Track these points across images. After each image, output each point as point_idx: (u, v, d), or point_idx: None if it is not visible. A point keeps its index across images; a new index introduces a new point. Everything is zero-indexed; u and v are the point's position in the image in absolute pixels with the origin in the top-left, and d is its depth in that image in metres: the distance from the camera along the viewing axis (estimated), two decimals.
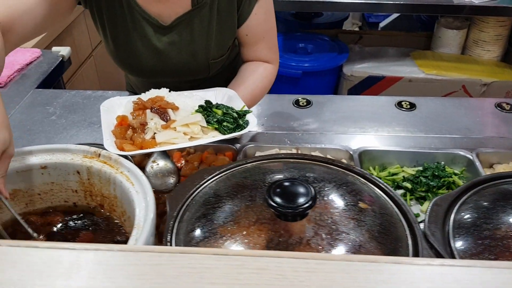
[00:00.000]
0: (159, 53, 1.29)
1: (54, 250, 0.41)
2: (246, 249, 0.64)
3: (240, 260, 0.39)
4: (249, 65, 1.36)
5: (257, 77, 1.32)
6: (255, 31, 1.31)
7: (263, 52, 1.35)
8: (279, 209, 0.65)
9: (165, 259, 0.39)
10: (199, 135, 0.99)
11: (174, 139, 0.96)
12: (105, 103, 1.10)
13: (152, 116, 1.01)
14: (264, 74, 1.34)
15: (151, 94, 1.11)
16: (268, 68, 1.35)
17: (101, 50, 2.60)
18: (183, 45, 1.28)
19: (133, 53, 1.29)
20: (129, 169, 0.79)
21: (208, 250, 0.40)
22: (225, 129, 1.01)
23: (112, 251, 0.40)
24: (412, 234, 0.68)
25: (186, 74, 1.35)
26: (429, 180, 1.24)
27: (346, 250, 0.63)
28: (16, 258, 0.40)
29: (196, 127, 1.00)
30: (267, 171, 0.79)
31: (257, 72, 1.34)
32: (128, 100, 1.09)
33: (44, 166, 0.82)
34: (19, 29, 1.07)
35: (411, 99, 1.54)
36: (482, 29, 2.70)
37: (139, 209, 0.72)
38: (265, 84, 1.35)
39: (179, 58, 1.30)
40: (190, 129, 0.99)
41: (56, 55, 1.81)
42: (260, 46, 1.34)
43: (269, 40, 1.35)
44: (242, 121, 1.04)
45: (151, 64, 1.31)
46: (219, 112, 1.05)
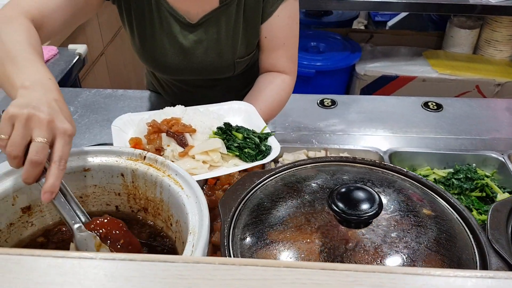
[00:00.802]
0: (185, 51, 1.27)
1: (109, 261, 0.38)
2: (310, 255, 0.62)
3: (352, 276, 0.37)
4: (266, 77, 1.32)
5: (274, 89, 1.28)
6: (275, 34, 1.27)
7: (281, 60, 1.30)
8: (343, 215, 0.63)
9: (271, 274, 0.37)
10: (219, 163, 0.94)
11: (193, 169, 0.90)
12: (116, 122, 1.03)
13: (169, 141, 0.96)
14: (282, 86, 1.30)
15: (165, 113, 1.06)
16: (286, 81, 1.30)
17: (112, 48, 2.57)
18: (210, 43, 1.26)
19: (159, 50, 1.27)
20: (177, 172, 0.76)
21: (314, 265, 0.38)
22: (247, 156, 0.96)
23: (213, 264, 0.38)
24: (476, 241, 0.67)
25: (211, 72, 1.33)
26: (462, 183, 1.23)
27: (417, 259, 0.61)
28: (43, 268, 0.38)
29: (216, 154, 0.94)
30: (318, 174, 0.77)
31: (274, 84, 1.29)
32: (140, 119, 1.04)
33: (88, 168, 0.80)
34: (49, 26, 1.05)
35: (438, 99, 1.52)
36: (495, 28, 2.69)
37: (192, 214, 0.69)
38: (282, 97, 1.30)
39: (205, 57, 1.28)
40: (209, 157, 0.94)
41: (73, 53, 1.78)
42: (279, 53, 1.29)
43: (289, 49, 1.30)
44: (264, 147, 0.99)
45: (176, 62, 1.29)
46: (240, 136, 0.99)
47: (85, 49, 1.80)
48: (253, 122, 1.09)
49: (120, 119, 1.04)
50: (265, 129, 1.05)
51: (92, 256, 0.38)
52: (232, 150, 0.97)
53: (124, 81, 2.80)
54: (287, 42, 1.29)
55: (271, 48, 1.29)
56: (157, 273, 0.37)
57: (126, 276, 0.37)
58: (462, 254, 0.64)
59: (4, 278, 0.37)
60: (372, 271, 0.37)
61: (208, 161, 0.93)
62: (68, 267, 0.38)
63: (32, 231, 0.79)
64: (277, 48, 1.29)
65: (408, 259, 0.61)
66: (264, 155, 0.97)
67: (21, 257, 0.38)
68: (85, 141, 1.34)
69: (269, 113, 1.25)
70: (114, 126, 1.01)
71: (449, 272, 0.38)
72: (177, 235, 0.77)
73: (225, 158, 0.97)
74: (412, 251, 0.62)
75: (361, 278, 0.37)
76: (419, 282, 0.37)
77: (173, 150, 0.93)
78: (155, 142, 0.94)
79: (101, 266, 0.38)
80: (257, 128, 1.05)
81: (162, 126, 0.98)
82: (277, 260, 0.57)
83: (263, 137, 1.01)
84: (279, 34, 1.27)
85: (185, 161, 0.91)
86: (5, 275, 0.37)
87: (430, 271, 0.38)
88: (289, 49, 1.30)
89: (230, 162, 0.96)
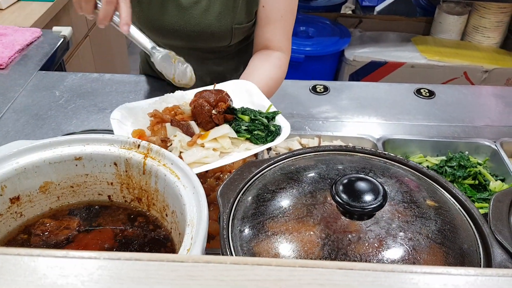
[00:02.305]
0: (183, 10, 1.23)
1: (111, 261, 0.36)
2: (313, 247, 0.61)
3: (372, 276, 0.35)
4: (260, 55, 1.28)
5: (270, 67, 1.24)
6: (273, 5, 1.23)
7: (277, 36, 1.26)
8: (347, 207, 0.61)
9: (287, 274, 0.36)
10: (230, 149, 0.90)
11: (204, 158, 0.86)
12: (114, 114, 0.97)
13: (174, 131, 0.91)
14: (278, 64, 1.26)
15: (165, 100, 1.02)
16: (281, 58, 1.27)
17: (97, 31, 2.51)
18: (209, 4, 1.23)
19: (156, 8, 1.23)
20: (173, 161, 0.74)
21: (331, 264, 0.36)
22: (257, 138, 0.93)
23: (225, 263, 0.36)
24: (479, 232, 0.66)
25: (207, 38, 1.28)
26: (455, 170, 1.22)
27: (422, 251, 0.60)
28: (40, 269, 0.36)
29: (226, 140, 0.91)
30: (318, 164, 0.75)
31: (270, 61, 1.25)
32: (140, 108, 1.00)
33: (79, 157, 0.77)
34: None
35: (430, 86, 1.51)
36: (483, 15, 2.69)
37: (190, 205, 0.67)
38: (279, 76, 1.26)
39: (203, 18, 1.24)
40: (219, 143, 0.90)
41: (57, 35, 1.72)
42: (275, 27, 1.26)
43: (286, 24, 1.27)
44: (273, 127, 0.95)
45: (173, 21, 1.25)
46: (246, 118, 0.95)
47: (70, 31, 1.74)
48: (257, 101, 1.05)
49: (118, 111, 0.99)
50: (271, 107, 1.01)
51: (96, 255, 0.36)
52: (242, 133, 0.93)
53: (109, 65, 2.74)
54: (285, 15, 1.25)
55: (268, 20, 1.25)
56: (166, 274, 0.35)
57: (133, 277, 0.35)
58: (466, 245, 0.63)
59: (1, 280, 0.34)
60: (391, 270, 0.36)
61: (219, 148, 0.90)
62: (70, 268, 0.35)
63: (21, 221, 0.76)
64: (274, 21, 1.25)
65: (413, 251, 0.60)
66: (274, 135, 0.94)
67: (19, 257, 0.36)
68: (72, 127, 1.30)
69: (267, 91, 1.21)
70: (113, 119, 0.96)
71: (470, 271, 0.37)
72: (173, 226, 0.75)
73: (235, 143, 0.93)
74: (416, 243, 0.61)
75: (380, 278, 0.35)
76: (440, 281, 0.36)
77: (181, 140, 0.89)
78: (159, 133, 0.90)
79: (106, 267, 0.36)
80: (262, 108, 1.01)
81: (165, 115, 0.94)
82: (292, 259, 0.55)
83: (270, 117, 0.98)
84: (278, 5, 1.23)
85: (195, 151, 0.87)
86: (3, 277, 0.34)
87: (451, 271, 0.36)
88: (285, 24, 1.27)
89: (241, 146, 0.93)
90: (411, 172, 0.74)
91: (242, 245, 0.64)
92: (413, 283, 0.35)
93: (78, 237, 0.77)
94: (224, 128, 0.92)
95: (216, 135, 0.91)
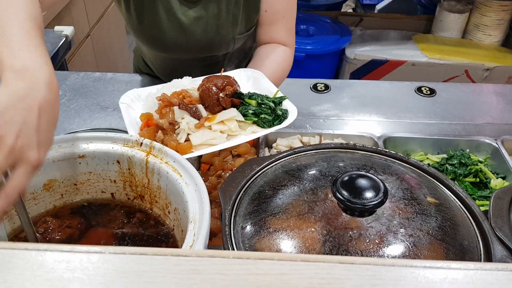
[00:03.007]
0: (184, 28, 1.23)
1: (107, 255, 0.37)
2: (315, 244, 0.61)
3: (372, 270, 0.36)
4: (266, 47, 1.29)
5: (277, 59, 1.25)
6: (275, 8, 1.24)
7: (280, 34, 1.28)
8: (348, 204, 0.62)
9: (288, 268, 0.36)
10: (237, 132, 0.92)
11: (212, 140, 0.88)
12: (123, 99, 0.99)
13: (182, 114, 0.93)
14: (283, 56, 1.28)
15: (174, 85, 1.03)
16: (286, 51, 1.28)
17: (98, 30, 2.52)
18: (209, 20, 1.23)
19: (157, 26, 1.23)
20: (175, 159, 0.75)
21: (333, 258, 0.37)
22: (264, 121, 0.94)
23: (228, 258, 0.37)
24: (479, 229, 0.66)
25: (209, 49, 1.30)
26: (456, 168, 1.23)
27: (422, 248, 0.60)
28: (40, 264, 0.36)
29: (233, 123, 0.92)
30: (319, 161, 0.76)
31: (276, 54, 1.27)
32: (148, 93, 1.02)
33: (83, 155, 0.77)
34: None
35: (430, 84, 1.52)
36: (484, 13, 2.69)
37: (192, 202, 0.68)
38: (285, 67, 1.28)
39: (204, 34, 1.25)
40: (226, 126, 0.91)
41: (59, 34, 1.73)
42: (278, 27, 1.27)
43: (289, 21, 1.28)
44: (280, 111, 0.96)
45: (174, 38, 1.25)
46: (253, 102, 0.97)
47: (72, 31, 1.75)
48: (264, 88, 1.06)
49: (127, 96, 1.01)
50: (278, 93, 1.02)
51: (102, 250, 0.37)
52: (249, 117, 0.94)
53: (110, 64, 2.75)
54: (287, 14, 1.26)
55: (271, 21, 1.27)
56: (170, 268, 0.36)
57: (137, 271, 0.36)
58: (466, 242, 0.64)
59: (10, 274, 0.35)
60: (391, 264, 0.36)
61: (226, 131, 0.91)
62: (76, 262, 0.36)
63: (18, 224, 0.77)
64: (277, 22, 1.27)
65: (414, 248, 0.60)
66: (281, 119, 0.96)
67: (26, 252, 0.36)
68: (74, 125, 1.31)
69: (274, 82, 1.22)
70: (121, 103, 0.98)
71: (469, 265, 0.37)
72: (175, 223, 0.76)
73: (242, 126, 0.95)
74: (417, 239, 0.61)
75: (381, 272, 0.36)
76: (440, 275, 0.36)
77: (188, 122, 0.90)
78: (167, 116, 0.91)
79: (111, 261, 0.36)
80: (269, 94, 1.03)
81: (173, 99, 0.95)
82: (294, 254, 0.56)
83: (277, 102, 0.99)
84: (279, 7, 1.24)
85: (203, 133, 0.89)
86: (11, 271, 0.35)
87: (451, 265, 0.37)
88: (288, 21, 1.28)
89: (248, 129, 0.94)
90: (412, 169, 0.74)
91: (244, 242, 0.65)
92: (413, 277, 0.36)
93: (80, 235, 0.77)
94: (231, 112, 0.94)
95: (223, 117, 0.92)
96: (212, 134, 0.89)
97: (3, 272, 0.35)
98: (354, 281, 0.35)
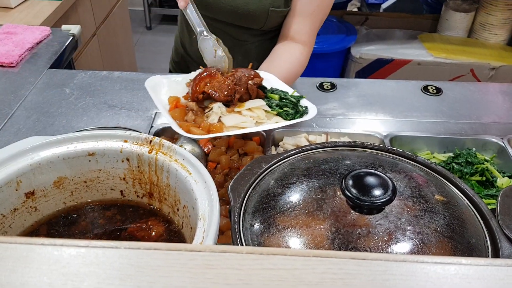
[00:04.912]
0: None
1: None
2: (323, 241, 0.62)
3: (383, 265, 0.37)
4: (284, 46, 1.30)
5: (292, 60, 1.27)
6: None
7: (305, 29, 1.29)
8: (357, 201, 0.62)
9: (301, 263, 0.37)
10: (264, 120, 0.98)
11: (242, 123, 0.94)
12: (148, 83, 1.05)
13: (210, 100, 0.99)
14: (300, 59, 1.29)
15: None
16: (304, 54, 1.30)
17: (105, 29, 2.53)
18: None
19: None
20: (184, 156, 0.75)
21: (345, 254, 0.37)
22: (287, 114, 0.99)
23: (241, 253, 0.37)
24: (487, 227, 0.67)
25: (241, 17, 1.30)
26: (462, 167, 1.23)
27: (431, 246, 0.61)
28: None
29: (261, 111, 0.98)
30: (327, 159, 0.76)
31: (293, 55, 1.28)
32: (173, 80, 1.07)
33: (92, 153, 0.78)
34: None
35: (437, 83, 1.52)
36: (490, 12, 2.68)
37: (201, 200, 0.69)
38: (298, 70, 1.30)
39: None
40: (255, 113, 0.97)
41: (66, 33, 1.74)
42: (305, 21, 1.28)
43: (316, 20, 1.29)
44: (301, 108, 1.02)
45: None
46: (276, 97, 1.03)
47: (79, 30, 1.76)
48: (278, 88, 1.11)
49: (152, 80, 1.06)
50: (295, 93, 1.07)
51: (117, 245, 0.37)
52: (273, 108, 1.01)
53: (116, 63, 2.76)
54: (316, 11, 1.27)
55: (300, 12, 1.28)
56: (184, 263, 0.37)
57: (153, 266, 0.36)
58: (474, 240, 0.64)
59: (27, 268, 0.36)
60: (403, 260, 0.37)
61: (254, 117, 0.97)
62: (92, 257, 0.37)
63: (36, 216, 0.78)
64: (305, 14, 1.28)
65: (422, 245, 0.61)
66: (302, 114, 1.01)
67: (43, 247, 0.37)
68: (82, 124, 1.31)
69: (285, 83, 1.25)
70: (147, 86, 1.03)
71: (480, 261, 0.38)
72: (184, 220, 0.77)
73: (268, 117, 1.00)
74: (425, 237, 0.62)
75: (392, 268, 0.36)
76: (450, 271, 0.37)
77: (220, 106, 0.97)
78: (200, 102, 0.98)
79: (127, 256, 0.37)
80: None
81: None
82: (307, 250, 0.56)
83: (296, 100, 1.04)
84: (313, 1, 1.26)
85: (234, 117, 0.96)
86: (28, 266, 0.36)
87: (461, 260, 0.37)
88: (315, 20, 1.29)
89: (272, 119, 1.00)
90: (420, 167, 0.75)
91: (253, 239, 0.66)
92: (424, 273, 0.36)
93: (90, 232, 0.78)
94: (259, 101, 1.01)
95: (252, 105, 0.99)
96: (243, 118, 0.96)
97: (20, 267, 0.36)
98: (366, 276, 0.36)
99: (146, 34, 4.31)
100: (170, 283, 0.35)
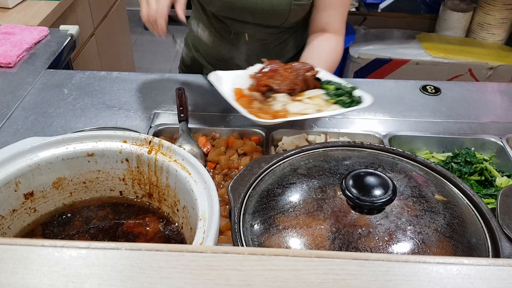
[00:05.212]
0: None
1: None
2: (324, 241, 0.62)
3: (386, 266, 0.36)
4: (321, 38, 1.31)
5: (331, 50, 1.29)
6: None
7: (336, 20, 1.31)
8: (357, 201, 0.62)
9: (303, 264, 0.37)
10: (324, 107, 1.03)
11: (306, 110, 1.00)
12: (211, 76, 1.12)
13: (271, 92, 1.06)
14: (336, 47, 1.32)
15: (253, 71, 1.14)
16: (339, 43, 1.32)
17: (103, 29, 2.52)
18: None
19: None
20: (184, 157, 0.75)
21: (347, 254, 0.37)
22: (344, 102, 1.05)
23: (242, 254, 0.37)
24: (487, 227, 0.67)
25: (263, 14, 1.30)
26: (461, 166, 1.23)
27: (431, 245, 0.61)
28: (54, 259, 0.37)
29: (320, 100, 1.05)
30: (326, 159, 0.76)
31: (330, 45, 1.30)
32: (235, 75, 1.14)
33: (91, 153, 0.78)
34: None
35: (435, 83, 1.52)
36: (488, 12, 2.69)
37: (201, 200, 0.68)
38: (337, 58, 1.33)
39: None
40: (315, 101, 1.04)
41: (64, 33, 1.73)
42: (334, 12, 1.30)
43: (344, 9, 1.32)
44: (355, 97, 1.07)
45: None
46: (331, 87, 1.09)
47: (77, 30, 1.75)
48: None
49: (215, 74, 1.13)
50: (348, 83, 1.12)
51: (118, 246, 0.37)
52: (332, 97, 1.07)
53: (114, 63, 2.76)
54: (344, 2, 1.30)
55: (329, 5, 1.29)
56: (186, 264, 0.36)
57: (154, 267, 0.36)
58: (474, 239, 0.64)
59: (27, 270, 0.35)
60: (405, 260, 0.37)
61: (315, 105, 1.04)
62: (93, 258, 0.36)
63: (35, 217, 0.78)
64: (335, 6, 1.30)
65: (422, 245, 0.61)
66: (357, 103, 1.06)
67: (43, 248, 0.37)
68: (81, 124, 1.31)
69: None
70: (211, 79, 1.11)
71: (482, 261, 0.38)
72: (184, 221, 0.76)
73: (326, 105, 1.06)
74: (425, 236, 0.62)
75: (394, 268, 0.36)
76: (452, 271, 0.37)
77: (284, 95, 1.05)
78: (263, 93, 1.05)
79: (128, 257, 0.37)
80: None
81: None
82: (308, 250, 0.56)
83: (350, 89, 1.09)
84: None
85: (298, 104, 1.03)
86: (28, 267, 0.36)
87: (463, 260, 0.37)
88: (344, 9, 1.32)
89: (331, 108, 1.06)
90: (419, 167, 0.75)
91: (253, 239, 0.66)
92: (426, 273, 0.36)
93: (89, 233, 0.78)
94: (317, 90, 1.08)
95: (311, 95, 1.06)
96: (306, 106, 1.03)
97: (20, 268, 0.36)
98: (368, 277, 0.36)
99: (144, 34, 4.30)
100: (171, 284, 0.35)
